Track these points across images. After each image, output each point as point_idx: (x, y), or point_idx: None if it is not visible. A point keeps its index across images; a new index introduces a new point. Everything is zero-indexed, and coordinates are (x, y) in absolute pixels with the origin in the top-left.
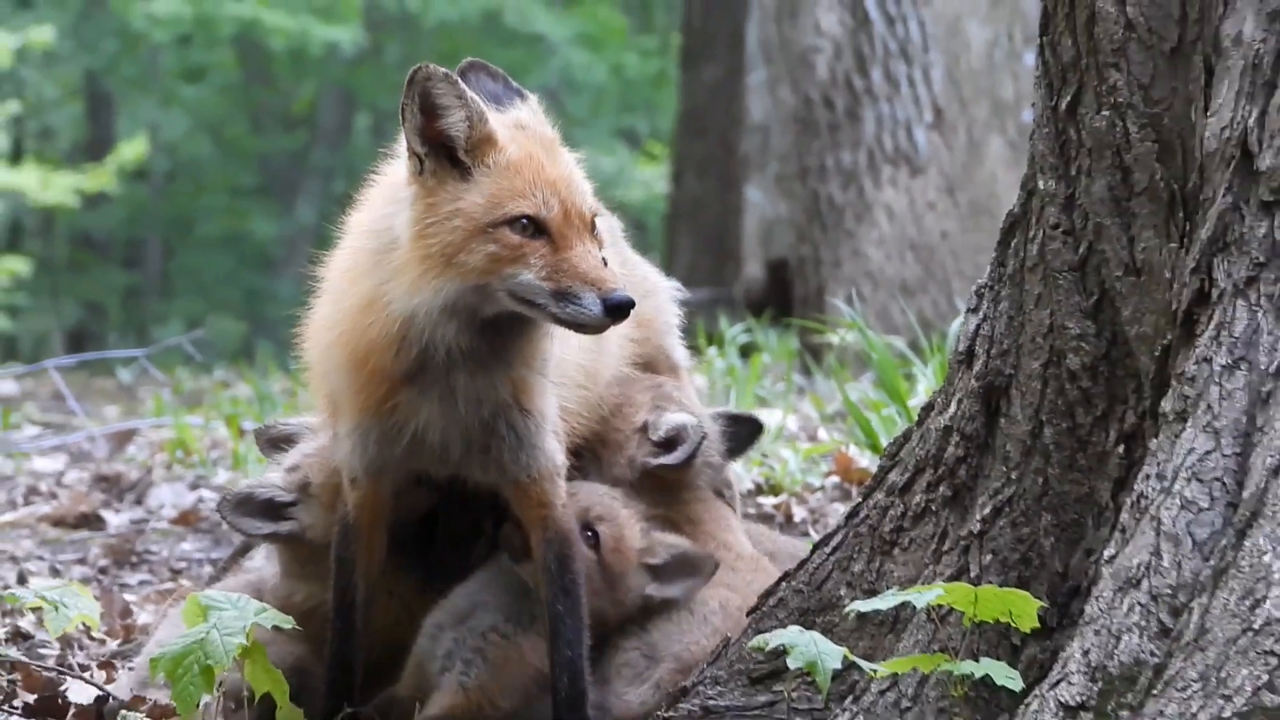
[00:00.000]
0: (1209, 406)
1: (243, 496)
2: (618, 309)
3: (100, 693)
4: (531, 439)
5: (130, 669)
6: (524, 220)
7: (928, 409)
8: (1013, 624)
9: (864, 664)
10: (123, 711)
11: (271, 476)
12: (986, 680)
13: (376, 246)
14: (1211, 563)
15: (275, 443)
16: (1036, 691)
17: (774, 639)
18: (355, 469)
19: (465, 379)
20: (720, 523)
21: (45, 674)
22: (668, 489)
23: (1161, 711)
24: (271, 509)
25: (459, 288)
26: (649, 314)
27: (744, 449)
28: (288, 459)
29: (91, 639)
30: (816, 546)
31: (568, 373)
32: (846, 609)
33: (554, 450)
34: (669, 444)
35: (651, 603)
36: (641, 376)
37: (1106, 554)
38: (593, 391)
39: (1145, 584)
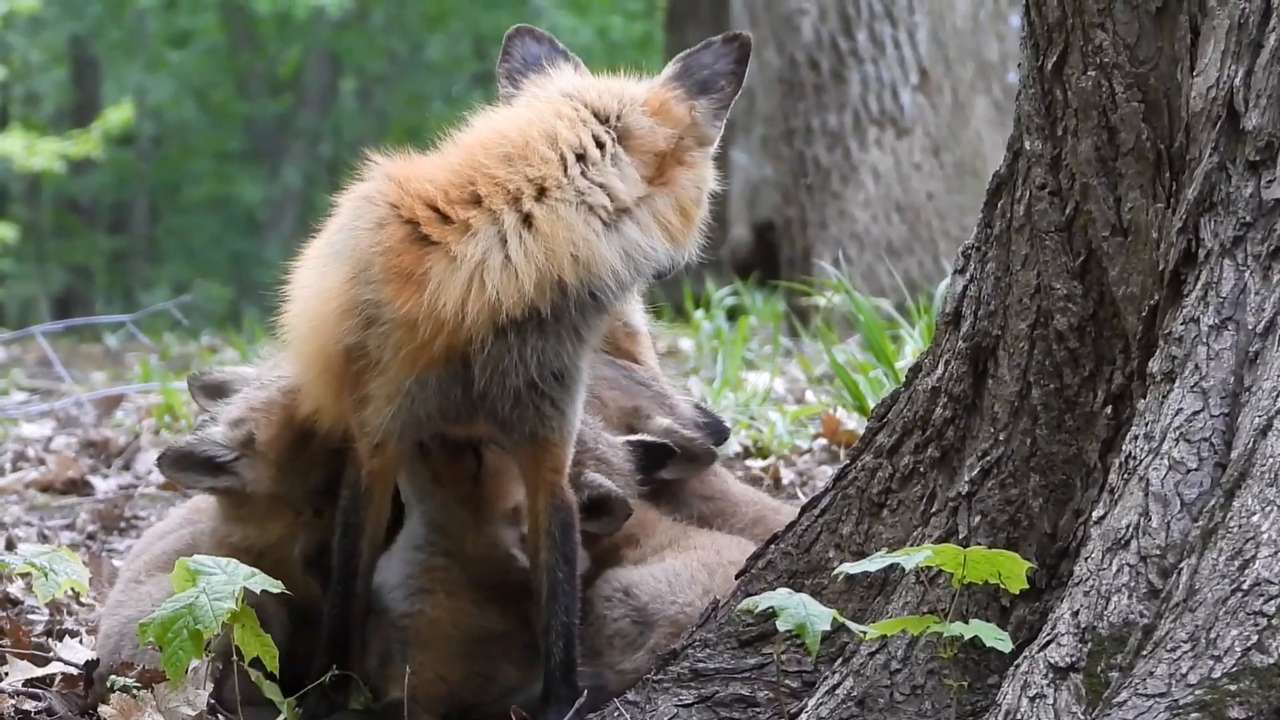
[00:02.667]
0: (1196, 367)
1: (182, 453)
2: None
3: (89, 658)
4: (575, 399)
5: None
6: None
7: (915, 370)
8: (1002, 585)
9: (853, 626)
10: (112, 676)
11: (213, 431)
12: (976, 642)
13: (576, 201)
14: (1200, 523)
15: (209, 390)
16: (1026, 653)
17: (763, 601)
18: (390, 431)
19: (574, 327)
20: (662, 522)
21: (33, 640)
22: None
23: (1151, 672)
24: (212, 465)
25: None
26: None
27: (658, 470)
28: (232, 411)
29: (80, 604)
30: (805, 509)
31: None
32: (835, 571)
33: (580, 415)
34: (593, 506)
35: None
36: None
37: (1095, 515)
38: None
39: (1134, 545)
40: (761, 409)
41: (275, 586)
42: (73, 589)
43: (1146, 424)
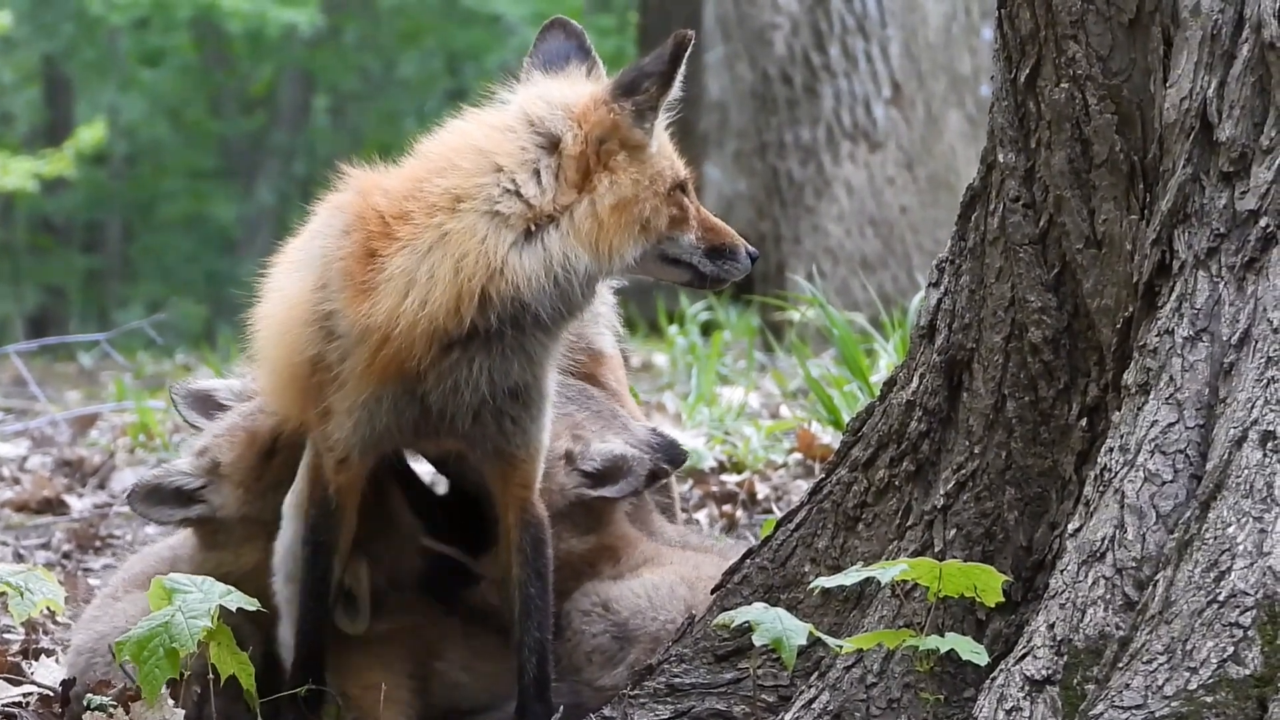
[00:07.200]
0: (1171, 378)
1: (151, 487)
2: (755, 260)
3: (65, 677)
4: (539, 415)
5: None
6: (684, 183)
7: (890, 384)
8: (977, 598)
9: (829, 640)
10: (89, 695)
11: (178, 463)
12: (952, 655)
13: (487, 210)
14: (1175, 535)
15: (193, 400)
16: (1002, 665)
17: (739, 616)
18: (351, 446)
19: (519, 345)
20: (642, 540)
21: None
22: (597, 515)
23: (1127, 684)
24: (181, 496)
25: (643, 251)
26: None
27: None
28: (197, 442)
29: (56, 624)
30: (780, 523)
31: None
32: (811, 585)
33: (547, 430)
34: (604, 475)
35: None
36: None
37: (1070, 527)
38: None
39: (1109, 557)
40: (736, 424)
41: (251, 604)
42: (48, 608)
43: (1121, 436)
